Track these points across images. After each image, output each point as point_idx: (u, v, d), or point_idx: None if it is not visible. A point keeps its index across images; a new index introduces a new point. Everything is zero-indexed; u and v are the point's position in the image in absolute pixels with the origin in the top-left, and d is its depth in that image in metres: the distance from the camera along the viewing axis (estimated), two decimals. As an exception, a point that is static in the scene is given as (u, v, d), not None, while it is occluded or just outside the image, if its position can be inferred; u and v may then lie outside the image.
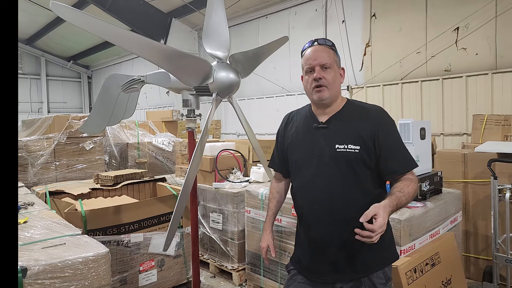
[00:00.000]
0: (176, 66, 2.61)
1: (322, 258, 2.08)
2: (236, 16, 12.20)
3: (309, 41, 2.19)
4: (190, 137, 3.18)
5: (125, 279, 3.60)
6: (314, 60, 2.07)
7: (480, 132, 5.26)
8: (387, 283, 2.11)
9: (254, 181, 4.60)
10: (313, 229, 2.10)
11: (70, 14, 2.15)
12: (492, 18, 7.00)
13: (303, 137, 2.17)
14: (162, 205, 3.94)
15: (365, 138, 1.99)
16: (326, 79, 2.04)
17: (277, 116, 11.19)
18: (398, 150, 2.05)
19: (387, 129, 2.05)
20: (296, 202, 2.24)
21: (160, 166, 7.01)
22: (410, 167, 2.02)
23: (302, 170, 2.15)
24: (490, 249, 4.09)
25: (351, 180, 2.01)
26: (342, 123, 2.07)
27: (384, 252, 2.11)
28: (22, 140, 5.57)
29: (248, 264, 4.18)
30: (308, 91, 2.12)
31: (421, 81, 8.00)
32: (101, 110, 3.73)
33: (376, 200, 1.94)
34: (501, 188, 3.76)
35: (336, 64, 2.11)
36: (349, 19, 9.39)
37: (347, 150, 1.99)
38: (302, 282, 2.19)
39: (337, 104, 2.13)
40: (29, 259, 1.86)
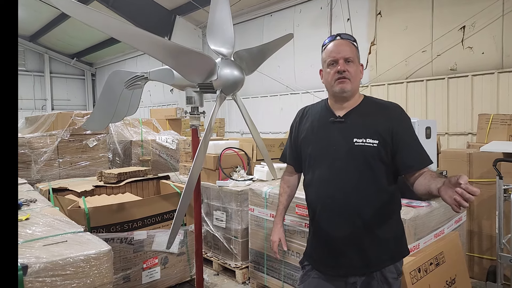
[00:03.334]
0: (180, 63, 2.59)
1: (336, 252, 2.10)
2: (241, 14, 12.18)
3: (331, 36, 2.19)
4: (194, 134, 3.16)
5: (128, 276, 3.60)
6: (337, 53, 2.07)
7: (485, 132, 5.22)
8: (398, 277, 2.13)
9: (258, 180, 4.58)
10: (327, 223, 2.11)
11: (73, 8, 2.13)
12: (499, 17, 6.95)
13: (318, 131, 2.17)
14: (165, 202, 3.93)
15: (383, 133, 2.01)
16: (349, 72, 2.05)
17: (281, 115, 11.22)
18: (415, 146, 2.06)
19: (405, 125, 2.07)
20: (310, 196, 2.23)
21: (164, 164, 7.00)
22: (426, 163, 2.02)
23: (316, 163, 2.15)
24: (494, 249, 4.07)
25: (366, 175, 2.02)
26: (360, 117, 2.08)
27: (396, 247, 2.13)
28: (25, 137, 5.56)
29: (252, 262, 4.17)
30: (329, 83, 2.11)
31: (427, 80, 7.96)
32: (104, 107, 3.71)
33: (390, 196, 2.01)
34: (507, 188, 3.74)
35: (358, 59, 2.13)
36: (354, 17, 9.35)
37: (365, 144, 2.00)
38: (317, 277, 2.20)
39: (355, 100, 2.14)
40: (30, 256, 1.84)
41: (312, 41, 10.15)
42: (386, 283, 2.07)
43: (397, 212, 2.17)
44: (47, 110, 20.45)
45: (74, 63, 21.77)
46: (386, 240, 2.05)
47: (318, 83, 9.93)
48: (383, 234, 2.06)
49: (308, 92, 10.50)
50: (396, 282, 2.11)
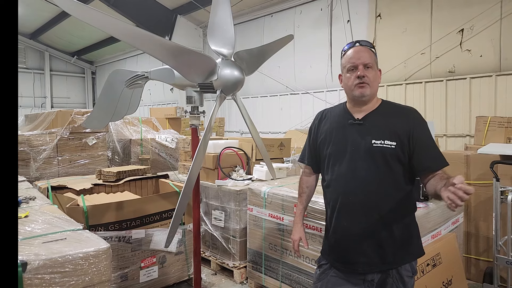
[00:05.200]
0: (181, 62, 2.61)
1: (355, 249, 2.15)
2: (241, 14, 12.20)
3: (350, 42, 2.26)
4: (194, 134, 3.18)
5: (126, 275, 3.61)
6: (357, 59, 2.14)
7: (483, 134, 5.24)
8: (413, 276, 2.19)
9: (257, 179, 4.59)
10: (346, 220, 2.17)
11: (75, 8, 2.15)
12: (497, 20, 6.98)
13: (337, 133, 2.24)
14: (164, 201, 3.95)
15: (401, 135, 2.09)
16: (368, 77, 2.12)
17: (281, 115, 11.24)
18: (432, 148, 2.13)
19: (422, 128, 2.14)
20: (329, 195, 2.29)
21: (163, 163, 7.02)
22: (442, 165, 2.09)
23: (336, 164, 2.21)
24: (491, 250, 4.09)
25: (385, 175, 2.09)
26: (378, 120, 2.16)
27: (412, 246, 2.19)
28: (25, 134, 5.58)
29: (250, 262, 4.18)
30: (349, 87, 2.18)
31: (425, 82, 7.99)
32: (104, 105, 3.73)
33: (407, 196, 2.12)
34: (503, 190, 3.76)
35: (376, 64, 2.19)
36: (354, 19, 9.37)
37: (383, 145, 2.08)
38: (335, 275, 2.24)
39: (373, 103, 2.21)
40: (29, 253, 1.86)
41: (312, 42, 10.21)
42: (401, 281, 2.13)
43: (413, 212, 2.25)
44: (46, 108, 20.43)
45: (74, 61, 21.77)
46: (403, 238, 2.13)
47: (318, 83, 9.95)
48: (400, 232, 2.13)
49: (307, 93, 10.53)
50: (411, 280, 2.18)
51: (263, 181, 4.47)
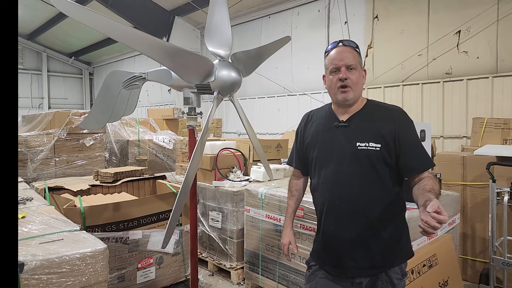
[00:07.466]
0: (178, 64, 2.61)
1: (343, 253, 2.13)
2: (239, 16, 12.21)
3: (333, 42, 2.20)
4: (191, 135, 3.18)
5: (123, 276, 3.61)
6: (340, 60, 2.09)
7: (479, 135, 5.26)
8: (403, 278, 2.17)
9: (254, 180, 4.60)
10: (334, 224, 2.14)
11: (72, 9, 2.15)
12: (494, 22, 7.01)
13: (323, 136, 2.21)
14: (161, 202, 3.95)
15: (386, 136, 2.04)
16: (351, 80, 2.07)
17: (278, 116, 11.25)
18: (417, 149, 2.09)
19: (407, 128, 2.10)
20: (317, 199, 2.27)
21: (161, 164, 7.01)
22: (428, 166, 2.06)
23: (322, 167, 2.18)
24: (487, 251, 4.10)
25: (371, 177, 2.05)
26: (363, 121, 2.11)
27: (401, 249, 2.17)
28: (22, 135, 5.56)
29: (247, 263, 4.18)
30: (333, 90, 2.15)
31: (422, 83, 8.02)
32: (102, 106, 3.73)
33: (395, 197, 2.07)
34: (500, 191, 3.77)
35: (360, 65, 2.15)
36: (351, 21, 9.40)
37: (368, 148, 2.04)
38: (323, 277, 2.23)
39: (358, 104, 2.17)
40: (26, 254, 1.86)
41: (310, 43, 10.22)
42: (390, 284, 2.11)
43: (402, 213, 2.21)
44: (44, 108, 20.42)
45: (72, 62, 21.76)
46: (392, 241, 2.09)
47: (315, 84, 9.97)
48: (389, 235, 2.10)
49: (305, 94, 10.54)
50: (401, 282, 2.15)
51: (260, 182, 4.48)
